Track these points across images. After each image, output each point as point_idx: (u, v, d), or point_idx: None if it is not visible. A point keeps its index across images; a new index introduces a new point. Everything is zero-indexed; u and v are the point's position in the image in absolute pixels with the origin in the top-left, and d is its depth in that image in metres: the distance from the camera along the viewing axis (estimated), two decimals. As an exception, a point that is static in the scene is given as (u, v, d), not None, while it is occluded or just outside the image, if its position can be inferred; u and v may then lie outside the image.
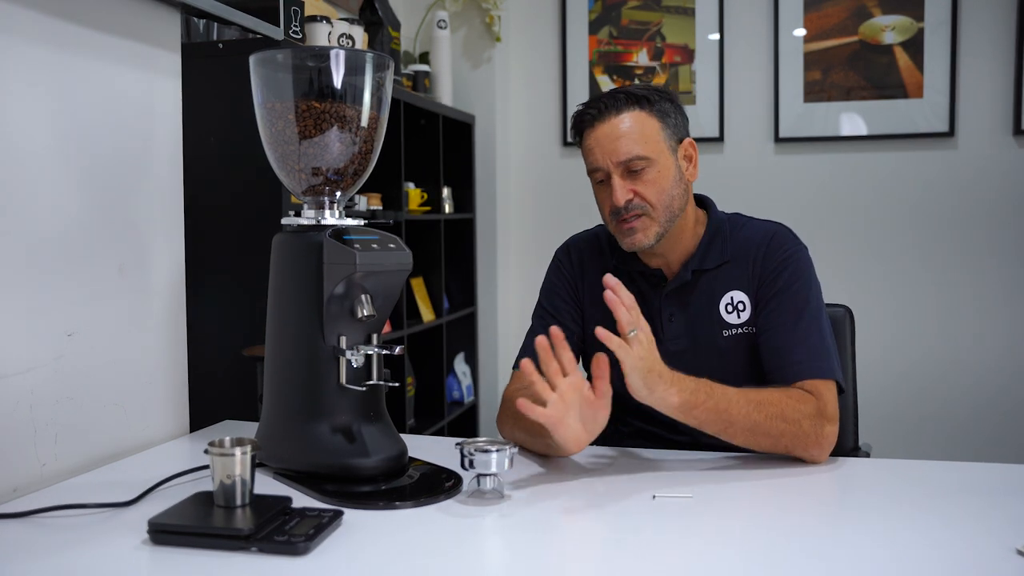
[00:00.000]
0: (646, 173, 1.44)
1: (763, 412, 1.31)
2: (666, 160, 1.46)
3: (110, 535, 1.06)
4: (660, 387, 1.25)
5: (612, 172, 1.44)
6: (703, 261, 1.51)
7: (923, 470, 1.34)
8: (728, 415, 1.30)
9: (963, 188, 3.14)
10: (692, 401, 1.28)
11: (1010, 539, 1.01)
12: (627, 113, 1.44)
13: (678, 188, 1.47)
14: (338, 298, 1.24)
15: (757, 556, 1.01)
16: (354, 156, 1.28)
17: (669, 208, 1.46)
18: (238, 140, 1.88)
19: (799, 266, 1.48)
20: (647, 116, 1.45)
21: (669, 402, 1.27)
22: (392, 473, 1.26)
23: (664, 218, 1.46)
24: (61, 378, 1.31)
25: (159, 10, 1.53)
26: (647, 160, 1.43)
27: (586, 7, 3.43)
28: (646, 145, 1.43)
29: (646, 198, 1.44)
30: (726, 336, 1.49)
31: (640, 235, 1.45)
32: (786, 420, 1.32)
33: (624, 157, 1.43)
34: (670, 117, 1.47)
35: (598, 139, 1.45)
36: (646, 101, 1.45)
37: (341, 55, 1.26)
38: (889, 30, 3.16)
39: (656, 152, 1.44)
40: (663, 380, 1.25)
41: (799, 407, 1.34)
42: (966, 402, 3.16)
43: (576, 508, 1.18)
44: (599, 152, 1.45)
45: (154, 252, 1.53)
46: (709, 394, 1.29)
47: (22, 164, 1.25)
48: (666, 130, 1.46)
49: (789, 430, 1.32)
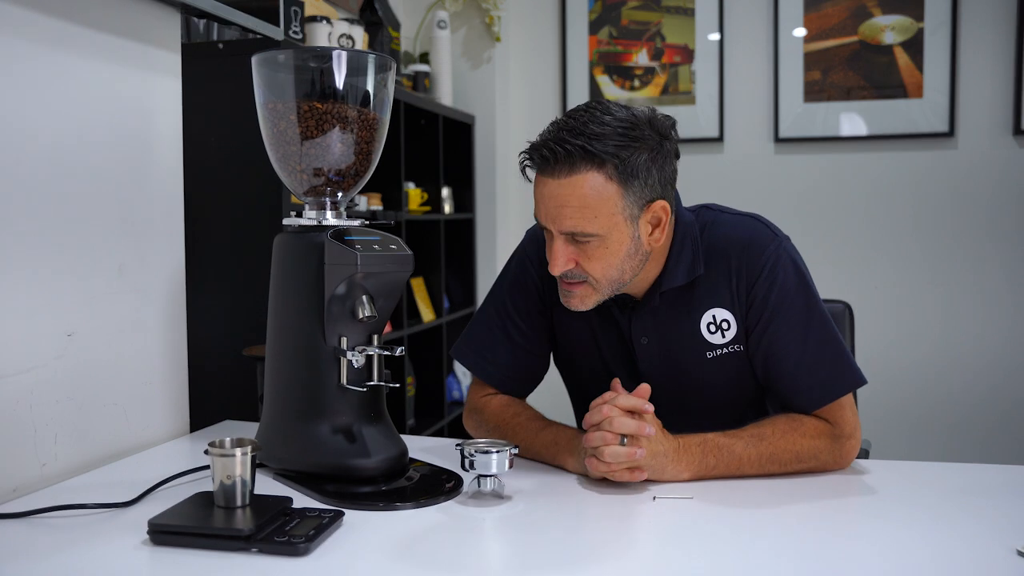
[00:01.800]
0: (591, 246, 1.26)
1: (776, 464, 1.29)
2: (619, 234, 1.26)
3: (110, 535, 1.06)
4: (669, 468, 1.24)
5: (554, 235, 1.27)
6: (673, 278, 1.36)
7: (923, 470, 1.34)
8: (741, 472, 1.28)
9: (963, 188, 3.14)
10: (702, 472, 1.26)
11: (1010, 539, 1.01)
12: (581, 175, 1.22)
13: (632, 260, 1.30)
14: (339, 299, 1.24)
15: (757, 556, 1.01)
16: (355, 157, 1.28)
17: (617, 280, 1.31)
18: (238, 140, 1.88)
19: (786, 273, 1.34)
20: (605, 182, 1.22)
21: (681, 480, 1.26)
22: (392, 474, 1.26)
23: (608, 289, 1.31)
24: (61, 378, 1.31)
25: (159, 10, 1.53)
26: (593, 236, 1.25)
27: (586, 7, 3.43)
28: (595, 221, 1.24)
29: (587, 271, 1.28)
30: (711, 358, 1.38)
31: (577, 301, 1.32)
32: (801, 460, 1.29)
33: (567, 229, 1.25)
34: (637, 179, 1.24)
35: (543, 195, 1.26)
36: (609, 162, 1.22)
37: (343, 56, 1.26)
38: (889, 30, 3.16)
39: (607, 227, 1.25)
40: (670, 459, 1.24)
41: (813, 444, 1.30)
42: (966, 401, 3.16)
43: (576, 509, 1.18)
44: (543, 210, 1.28)
45: (154, 252, 1.53)
46: (718, 457, 1.26)
47: (22, 164, 1.25)
48: (628, 197, 1.24)
49: (808, 467, 1.30)
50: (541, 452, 1.34)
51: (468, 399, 1.53)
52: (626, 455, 1.19)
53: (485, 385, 1.51)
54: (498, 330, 1.48)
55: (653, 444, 1.22)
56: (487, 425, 1.45)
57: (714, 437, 1.27)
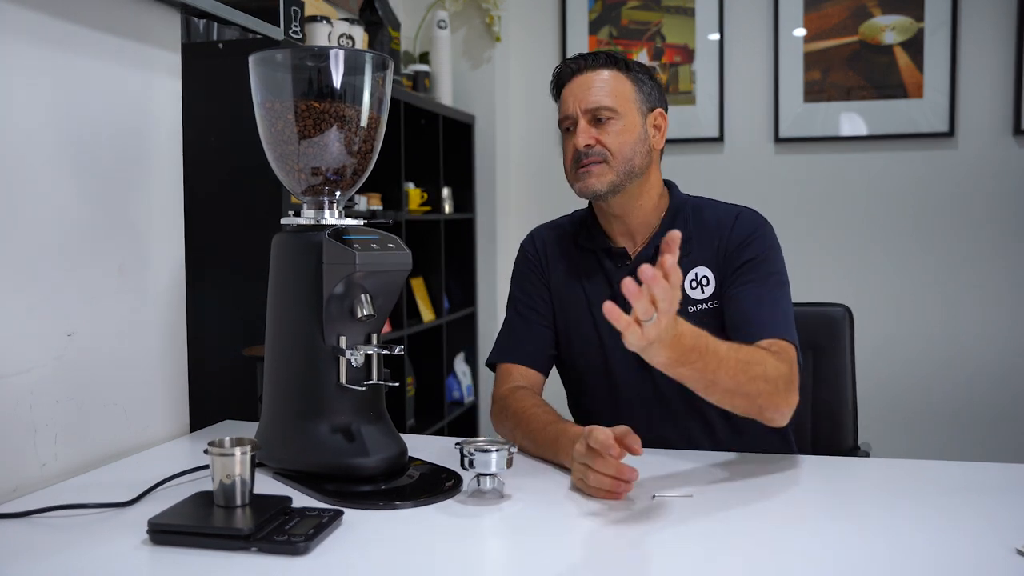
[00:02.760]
0: (611, 124, 1.48)
1: (748, 373, 1.27)
2: (633, 118, 1.50)
3: (110, 535, 1.06)
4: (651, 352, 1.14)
5: (579, 118, 1.49)
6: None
7: (923, 470, 1.34)
8: (714, 376, 1.24)
9: (963, 188, 3.13)
10: (682, 361, 1.18)
11: (1010, 539, 1.01)
12: (604, 71, 1.51)
13: (641, 147, 1.50)
14: (338, 298, 1.24)
15: (757, 556, 1.01)
16: (353, 156, 1.28)
17: (629, 161, 1.49)
18: (238, 140, 1.88)
19: (767, 240, 1.50)
20: (622, 77, 1.51)
21: (656, 359, 1.17)
22: (392, 473, 1.26)
23: (622, 169, 1.48)
24: (61, 378, 1.31)
25: (159, 10, 1.53)
26: (613, 112, 1.48)
27: (586, 7, 3.43)
28: (615, 99, 1.49)
29: (606, 146, 1.48)
30: (691, 312, 1.49)
31: (594, 180, 1.48)
32: (767, 380, 1.29)
33: (592, 105, 1.48)
34: (645, 85, 1.53)
35: (572, 89, 1.52)
36: (624, 65, 1.52)
37: (341, 55, 1.26)
38: (889, 30, 3.16)
39: (624, 108, 1.49)
40: (663, 344, 1.14)
41: (779, 367, 1.32)
42: (965, 401, 3.16)
43: (576, 508, 1.18)
44: (571, 100, 1.51)
45: (154, 252, 1.53)
46: (702, 355, 1.20)
47: (22, 164, 1.25)
48: (639, 94, 1.51)
49: (767, 390, 1.29)
50: (544, 447, 1.36)
51: (494, 391, 1.56)
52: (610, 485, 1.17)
53: (509, 371, 1.56)
54: (515, 319, 1.61)
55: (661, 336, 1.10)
56: (508, 412, 1.47)
57: (707, 336, 1.22)
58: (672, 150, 3.38)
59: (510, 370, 1.56)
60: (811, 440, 1.74)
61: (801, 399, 1.77)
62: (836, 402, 1.73)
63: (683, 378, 1.24)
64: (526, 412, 1.43)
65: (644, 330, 1.06)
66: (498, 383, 1.57)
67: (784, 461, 1.41)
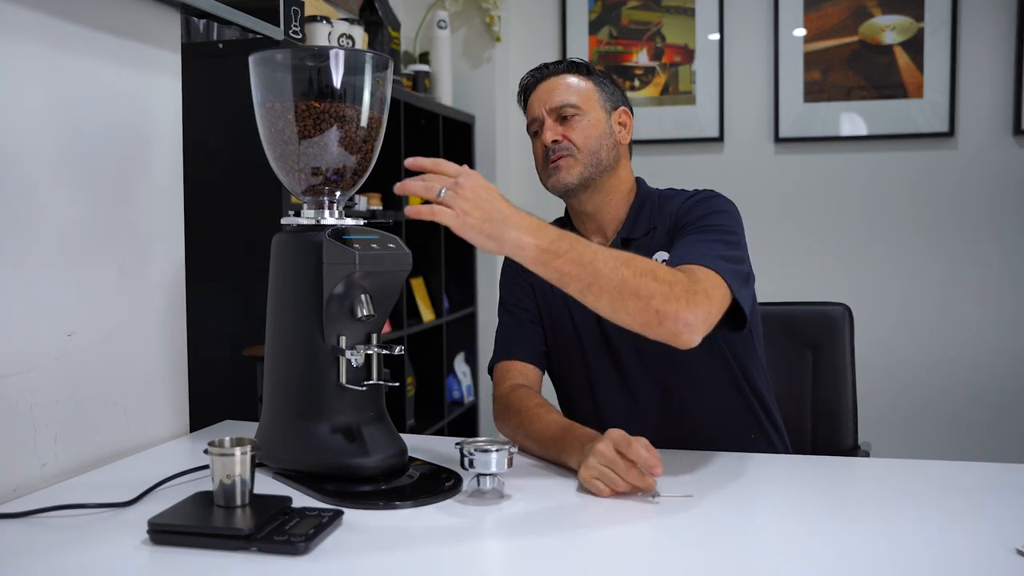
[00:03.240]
0: (575, 120, 1.52)
1: (632, 268, 1.21)
2: (597, 114, 1.54)
3: (110, 535, 1.06)
4: (510, 233, 1.14)
5: (545, 118, 1.53)
6: (632, 229, 1.55)
7: (923, 469, 1.34)
8: (594, 267, 1.18)
9: (963, 188, 3.13)
10: (552, 249, 1.16)
11: (1010, 539, 1.01)
12: (567, 75, 1.57)
13: (606, 140, 1.54)
14: (338, 298, 1.24)
15: (757, 556, 1.01)
16: (353, 156, 1.28)
17: (595, 154, 1.52)
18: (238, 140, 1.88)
19: (713, 205, 1.49)
20: (584, 79, 1.57)
21: (524, 250, 1.16)
22: (392, 473, 1.26)
23: (588, 161, 1.52)
24: (61, 378, 1.31)
25: (159, 10, 1.53)
26: (577, 108, 1.53)
27: (586, 7, 3.43)
28: (578, 96, 1.54)
29: (572, 140, 1.51)
30: None
31: (563, 173, 1.51)
32: (656, 279, 1.22)
33: (557, 103, 1.53)
34: (607, 87, 1.59)
35: (538, 94, 1.57)
36: (586, 70, 1.58)
37: (341, 55, 1.26)
38: (889, 30, 3.16)
39: (587, 105, 1.54)
40: (511, 225, 1.14)
41: (671, 272, 1.26)
42: (965, 400, 3.16)
43: (576, 508, 1.18)
44: (536, 104, 1.56)
45: (154, 252, 1.53)
46: (572, 245, 1.18)
47: (22, 164, 1.25)
48: (601, 93, 1.57)
49: (660, 290, 1.21)
50: (548, 447, 1.35)
51: (494, 390, 1.56)
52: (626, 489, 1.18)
53: (507, 368, 1.56)
54: (506, 319, 1.63)
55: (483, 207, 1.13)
56: (511, 410, 1.47)
57: (576, 235, 1.24)
58: (672, 150, 3.39)
59: (508, 367, 1.57)
60: (811, 439, 1.74)
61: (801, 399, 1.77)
62: (836, 401, 1.73)
63: (564, 277, 1.19)
64: (529, 412, 1.43)
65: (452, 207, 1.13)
66: (497, 382, 1.57)
67: (784, 461, 1.41)
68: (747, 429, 1.54)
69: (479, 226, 1.14)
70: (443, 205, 1.13)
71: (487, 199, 1.14)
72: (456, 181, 1.14)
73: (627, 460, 1.18)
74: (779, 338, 1.76)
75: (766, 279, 1.89)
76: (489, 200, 1.14)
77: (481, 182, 1.16)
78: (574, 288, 1.20)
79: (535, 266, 1.18)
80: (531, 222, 1.17)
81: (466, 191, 1.13)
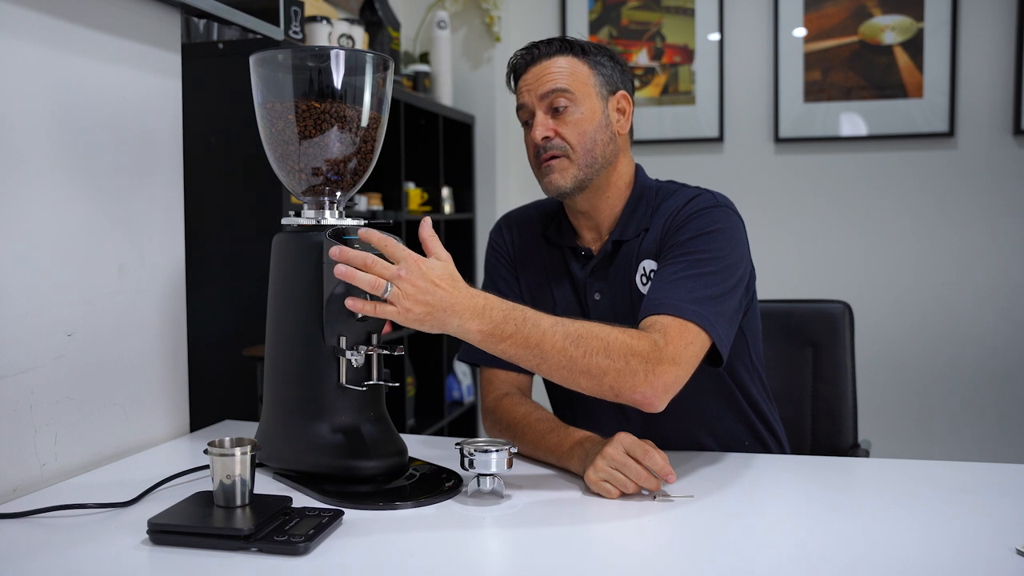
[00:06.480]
0: (568, 113, 1.41)
1: (581, 347, 1.19)
2: (592, 103, 1.42)
3: (110, 535, 1.06)
4: (453, 321, 1.15)
5: (536, 108, 1.42)
6: (624, 231, 1.47)
7: (923, 469, 1.34)
8: (540, 349, 1.18)
9: (963, 188, 3.14)
10: (496, 333, 1.16)
11: (1010, 539, 1.01)
12: (559, 57, 1.43)
13: (602, 134, 1.43)
14: (338, 298, 1.24)
15: (757, 556, 1.01)
16: (354, 156, 1.28)
17: (590, 153, 1.42)
18: (238, 140, 1.88)
19: (708, 220, 1.39)
20: (579, 62, 1.43)
21: (469, 335, 1.16)
22: (392, 473, 1.26)
23: (584, 162, 1.41)
24: (61, 378, 1.31)
25: (159, 10, 1.53)
26: (569, 95, 1.41)
27: (586, 7, 3.43)
28: (571, 83, 1.41)
29: (566, 138, 1.41)
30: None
31: (557, 176, 1.42)
32: (609, 356, 1.19)
33: (547, 90, 1.41)
34: (604, 67, 1.45)
35: (527, 79, 1.45)
36: (580, 49, 1.44)
37: (341, 55, 1.26)
38: (889, 30, 3.16)
39: (581, 92, 1.42)
40: (454, 314, 1.14)
41: (629, 343, 1.21)
42: (965, 401, 3.16)
43: (576, 508, 1.18)
44: (526, 90, 1.44)
45: (154, 252, 1.53)
46: (519, 327, 1.17)
47: (22, 164, 1.25)
48: (597, 77, 1.44)
49: (613, 367, 1.19)
50: (547, 454, 1.34)
51: (482, 401, 1.53)
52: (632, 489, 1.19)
53: (491, 378, 1.51)
54: None
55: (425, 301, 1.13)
56: (501, 424, 1.45)
57: (527, 309, 1.20)
58: (672, 150, 3.39)
59: (491, 377, 1.51)
60: (810, 437, 1.74)
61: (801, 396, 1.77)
62: (836, 399, 1.73)
63: (509, 356, 1.19)
64: (518, 423, 1.40)
65: (396, 303, 1.12)
66: (483, 392, 1.53)
67: (784, 461, 1.41)
68: (739, 436, 1.52)
69: (422, 319, 1.14)
70: (387, 303, 1.13)
71: (427, 290, 1.13)
72: (398, 274, 1.12)
73: (638, 463, 1.18)
74: (779, 336, 1.76)
75: (766, 278, 1.90)
76: (430, 291, 1.13)
77: (421, 270, 1.13)
78: (524, 365, 1.21)
79: (482, 346, 1.18)
80: (475, 305, 1.15)
81: (406, 285, 1.12)
